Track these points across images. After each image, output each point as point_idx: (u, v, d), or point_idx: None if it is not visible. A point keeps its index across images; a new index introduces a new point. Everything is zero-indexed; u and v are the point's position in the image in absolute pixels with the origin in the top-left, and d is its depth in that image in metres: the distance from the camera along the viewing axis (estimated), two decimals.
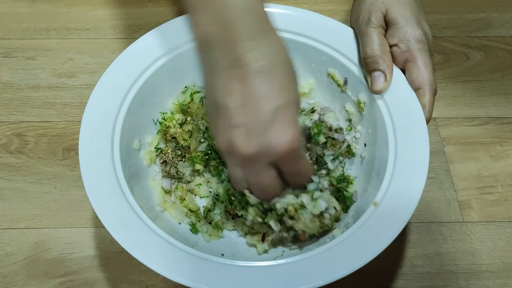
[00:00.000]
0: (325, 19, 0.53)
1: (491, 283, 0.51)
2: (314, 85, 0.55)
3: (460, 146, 0.60)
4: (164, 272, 0.39)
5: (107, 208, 0.42)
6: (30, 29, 0.69)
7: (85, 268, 0.52)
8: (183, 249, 0.41)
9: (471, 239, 0.54)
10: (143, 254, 0.40)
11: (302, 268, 0.40)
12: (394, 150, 0.45)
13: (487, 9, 0.72)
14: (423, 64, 0.47)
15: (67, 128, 0.61)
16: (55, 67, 0.66)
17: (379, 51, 0.48)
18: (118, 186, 0.43)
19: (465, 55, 0.68)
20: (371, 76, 0.48)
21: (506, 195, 0.57)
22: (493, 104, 0.63)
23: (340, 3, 0.72)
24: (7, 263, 0.52)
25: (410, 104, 0.47)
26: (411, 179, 0.44)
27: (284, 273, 0.39)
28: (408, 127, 0.46)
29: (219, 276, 0.39)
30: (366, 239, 0.41)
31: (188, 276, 0.39)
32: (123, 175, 0.44)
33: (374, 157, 0.49)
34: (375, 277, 0.51)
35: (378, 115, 0.48)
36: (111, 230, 0.41)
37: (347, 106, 0.53)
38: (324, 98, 0.55)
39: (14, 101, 0.63)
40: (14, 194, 0.56)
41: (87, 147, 0.45)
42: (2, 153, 0.59)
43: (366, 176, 0.50)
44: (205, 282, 0.39)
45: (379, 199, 0.43)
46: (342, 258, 0.40)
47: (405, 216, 0.41)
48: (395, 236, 0.41)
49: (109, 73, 0.49)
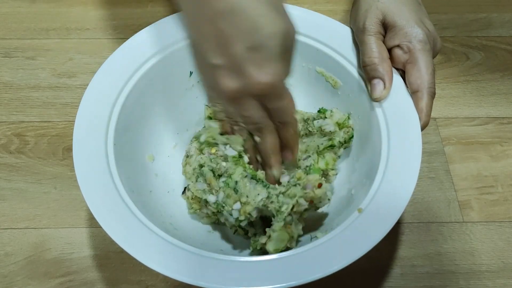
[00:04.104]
0: (325, 19, 0.53)
1: (491, 283, 0.51)
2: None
3: (460, 146, 0.60)
4: (164, 271, 0.39)
5: (104, 208, 0.42)
6: (30, 29, 0.69)
7: (85, 268, 0.52)
8: (182, 247, 0.41)
9: (471, 239, 0.54)
10: (143, 254, 0.40)
11: (303, 262, 0.40)
12: (386, 154, 0.45)
13: (487, 9, 0.72)
14: (423, 66, 0.47)
15: (67, 128, 0.61)
16: (55, 67, 0.66)
17: (378, 59, 0.48)
18: (112, 184, 0.43)
19: (465, 55, 0.68)
20: (370, 84, 0.48)
21: (506, 195, 0.57)
22: (493, 104, 0.63)
23: (340, 3, 0.72)
24: (7, 263, 0.52)
25: (405, 110, 0.47)
26: (402, 180, 0.44)
27: (284, 267, 0.40)
28: (402, 132, 0.46)
29: (219, 272, 0.39)
30: (354, 239, 0.41)
31: (188, 273, 0.39)
32: (117, 173, 0.44)
33: (365, 160, 0.49)
34: (375, 277, 0.51)
35: (374, 119, 0.48)
36: (108, 230, 0.41)
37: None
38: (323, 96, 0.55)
39: (14, 101, 0.63)
40: (14, 194, 0.56)
41: (81, 147, 0.45)
42: (2, 153, 0.59)
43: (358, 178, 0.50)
44: (205, 279, 0.39)
45: (366, 204, 0.43)
46: (340, 250, 0.40)
47: (393, 218, 0.41)
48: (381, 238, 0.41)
49: (102, 72, 0.49)
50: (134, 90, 0.49)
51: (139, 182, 0.49)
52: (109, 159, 0.45)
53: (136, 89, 0.49)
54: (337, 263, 0.39)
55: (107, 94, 0.48)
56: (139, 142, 0.52)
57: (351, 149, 0.53)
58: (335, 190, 0.52)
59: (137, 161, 0.51)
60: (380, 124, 0.47)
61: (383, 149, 0.46)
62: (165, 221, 0.47)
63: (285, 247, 0.44)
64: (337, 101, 0.53)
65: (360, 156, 0.51)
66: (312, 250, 0.41)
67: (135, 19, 0.70)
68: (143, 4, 0.72)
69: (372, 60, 0.48)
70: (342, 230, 0.42)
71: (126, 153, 0.48)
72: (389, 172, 0.44)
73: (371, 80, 0.48)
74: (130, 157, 0.49)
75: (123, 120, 0.48)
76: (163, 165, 0.53)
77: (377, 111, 0.48)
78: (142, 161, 0.52)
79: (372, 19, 0.49)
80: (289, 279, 0.39)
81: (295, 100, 0.43)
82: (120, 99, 0.48)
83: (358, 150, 0.52)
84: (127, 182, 0.45)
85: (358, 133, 0.52)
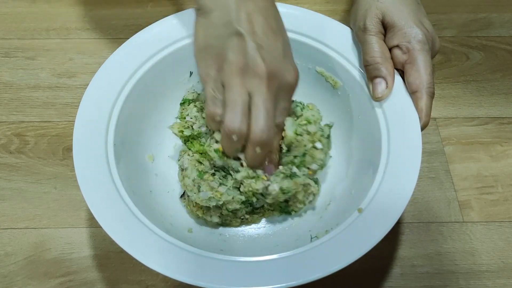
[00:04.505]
0: (325, 19, 0.53)
1: (491, 283, 0.51)
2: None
3: (460, 146, 0.60)
4: (164, 271, 0.39)
5: (104, 208, 0.42)
6: (30, 29, 0.69)
7: (85, 268, 0.52)
8: (182, 247, 0.41)
9: (471, 239, 0.54)
10: (143, 254, 0.40)
11: (303, 262, 0.40)
12: (386, 154, 0.45)
13: (487, 9, 0.72)
14: (422, 66, 0.47)
15: (67, 128, 0.61)
16: (55, 67, 0.66)
17: (380, 58, 0.48)
18: (112, 184, 0.43)
19: (465, 55, 0.68)
20: (372, 83, 0.48)
21: (506, 195, 0.57)
22: (493, 104, 0.63)
23: (340, 3, 0.72)
24: (7, 263, 0.52)
25: (405, 110, 0.47)
26: (402, 180, 0.44)
27: (284, 267, 0.40)
28: (402, 132, 0.46)
29: (219, 272, 0.39)
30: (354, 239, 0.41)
31: (188, 273, 0.39)
32: (117, 173, 0.44)
33: (365, 159, 0.49)
34: (375, 277, 0.52)
35: (374, 119, 0.48)
36: (108, 230, 0.41)
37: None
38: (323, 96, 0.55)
39: (14, 101, 0.63)
40: (14, 194, 0.56)
41: (81, 147, 0.45)
42: (2, 153, 0.59)
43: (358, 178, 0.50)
44: (205, 279, 0.39)
45: (366, 204, 0.43)
46: (340, 250, 0.41)
47: (393, 218, 0.42)
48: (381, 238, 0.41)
49: (102, 72, 0.49)
50: (134, 90, 0.49)
51: (139, 182, 0.49)
52: (109, 159, 0.45)
53: (136, 89, 0.49)
54: (337, 263, 0.39)
55: (107, 94, 0.48)
56: (139, 142, 0.52)
57: (351, 148, 0.53)
58: (334, 191, 0.52)
59: (137, 161, 0.51)
60: (380, 124, 0.47)
61: (383, 149, 0.46)
62: (165, 221, 0.47)
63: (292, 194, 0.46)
64: (337, 101, 0.53)
65: (360, 155, 0.51)
66: (312, 250, 0.41)
67: (135, 19, 0.70)
68: (143, 4, 0.72)
69: (375, 59, 0.48)
70: (342, 230, 0.42)
71: (126, 153, 0.48)
72: (389, 172, 0.44)
73: (373, 79, 0.48)
74: (130, 157, 0.49)
75: (123, 120, 0.48)
76: (163, 165, 0.53)
77: (377, 111, 0.48)
78: (142, 161, 0.52)
79: (372, 19, 0.49)
80: (289, 279, 0.39)
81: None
82: (120, 99, 0.48)
83: (358, 150, 0.52)
84: (127, 182, 0.45)
85: (358, 133, 0.52)
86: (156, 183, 0.52)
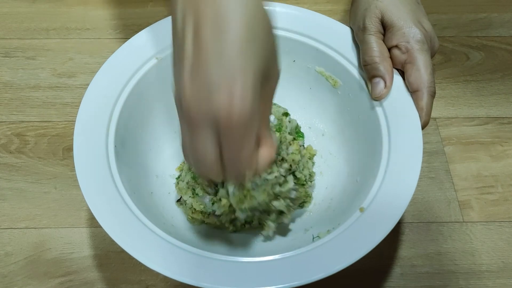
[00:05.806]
0: (325, 19, 0.53)
1: (491, 283, 0.51)
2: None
3: (460, 146, 0.60)
4: (164, 271, 0.39)
5: (104, 208, 0.42)
6: (30, 29, 0.69)
7: (85, 268, 0.52)
8: (182, 247, 0.41)
9: (471, 239, 0.54)
10: (143, 254, 0.40)
11: (304, 262, 0.40)
12: (387, 154, 0.45)
13: (487, 9, 0.72)
14: (422, 66, 0.47)
15: (67, 128, 0.61)
16: (55, 67, 0.66)
17: (379, 57, 0.48)
18: (112, 184, 0.43)
19: (465, 55, 0.68)
20: (371, 83, 0.48)
21: (506, 195, 0.57)
22: (493, 104, 0.63)
23: (340, 3, 0.72)
24: (7, 263, 0.52)
25: (405, 109, 0.47)
26: (403, 180, 0.44)
27: (286, 267, 0.40)
28: (402, 131, 0.46)
29: (219, 273, 0.39)
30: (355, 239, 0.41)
31: (189, 273, 0.39)
32: (118, 173, 0.44)
33: (365, 159, 0.49)
34: (375, 277, 0.52)
35: (374, 119, 0.48)
36: (108, 230, 0.41)
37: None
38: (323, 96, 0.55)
39: (14, 101, 0.63)
40: (14, 194, 0.56)
41: (81, 147, 0.45)
42: (2, 153, 0.59)
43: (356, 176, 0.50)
44: (205, 279, 0.39)
45: (367, 203, 0.43)
46: (342, 250, 0.40)
47: (394, 218, 0.41)
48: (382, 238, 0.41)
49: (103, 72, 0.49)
50: (135, 90, 0.49)
51: (140, 183, 0.49)
52: (109, 159, 0.45)
53: (137, 89, 0.49)
54: (340, 263, 0.39)
55: (108, 94, 0.48)
56: (140, 142, 0.52)
57: (351, 148, 0.53)
58: (334, 191, 0.52)
59: (138, 162, 0.51)
60: (380, 123, 0.47)
61: (384, 148, 0.46)
62: (166, 222, 0.47)
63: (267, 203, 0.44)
64: (337, 101, 0.53)
65: (361, 155, 0.51)
66: (314, 250, 0.41)
67: (135, 19, 0.70)
68: (143, 4, 0.72)
69: (373, 59, 0.48)
70: (343, 230, 0.41)
71: (127, 153, 0.48)
72: (390, 172, 0.44)
73: (372, 79, 0.48)
74: (131, 157, 0.49)
75: (124, 120, 0.48)
76: (164, 166, 0.53)
77: (377, 110, 0.48)
78: (143, 162, 0.52)
79: (371, 18, 0.49)
80: (290, 279, 0.39)
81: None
82: (120, 99, 0.48)
83: (358, 150, 0.52)
84: (127, 183, 0.45)
85: (358, 132, 0.52)
86: (157, 185, 0.52)
